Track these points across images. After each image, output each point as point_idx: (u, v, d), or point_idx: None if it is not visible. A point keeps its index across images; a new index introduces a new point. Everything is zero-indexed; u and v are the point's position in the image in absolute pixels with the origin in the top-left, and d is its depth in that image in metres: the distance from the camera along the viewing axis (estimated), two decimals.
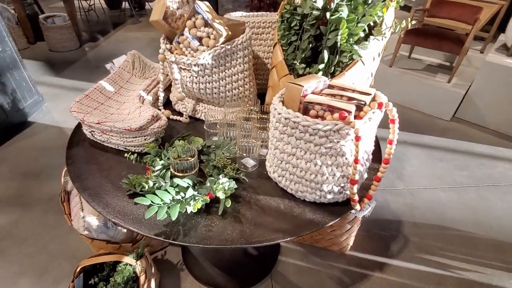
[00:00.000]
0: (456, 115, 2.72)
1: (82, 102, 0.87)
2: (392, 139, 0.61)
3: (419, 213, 1.76)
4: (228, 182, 0.67)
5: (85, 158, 0.81)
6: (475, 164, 2.17)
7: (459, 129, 2.58)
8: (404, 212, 1.76)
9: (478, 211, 1.76)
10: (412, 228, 1.67)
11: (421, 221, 1.71)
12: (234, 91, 0.93)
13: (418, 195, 1.89)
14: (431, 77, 2.86)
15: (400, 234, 1.64)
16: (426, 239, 1.60)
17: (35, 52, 3.69)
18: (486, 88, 2.47)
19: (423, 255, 1.52)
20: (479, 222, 1.69)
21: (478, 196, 1.87)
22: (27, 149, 2.06)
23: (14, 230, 1.51)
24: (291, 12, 0.88)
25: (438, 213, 1.76)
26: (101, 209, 0.65)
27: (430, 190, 1.93)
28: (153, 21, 0.85)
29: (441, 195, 1.89)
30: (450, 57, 3.26)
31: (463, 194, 1.89)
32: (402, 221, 1.71)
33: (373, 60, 0.82)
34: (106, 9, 5.84)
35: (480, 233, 1.62)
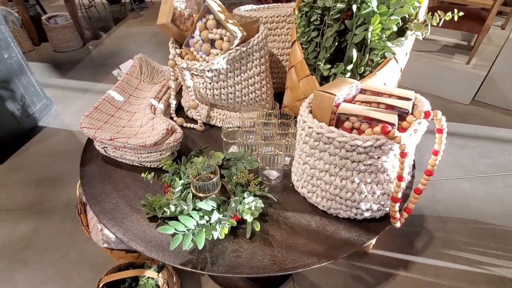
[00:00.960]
0: (476, 98, 2.58)
1: (92, 116, 0.82)
2: (438, 150, 0.54)
3: (443, 206, 1.69)
4: (255, 202, 0.61)
5: (100, 176, 0.77)
6: (499, 150, 2.06)
7: (480, 113, 2.46)
8: (426, 206, 1.70)
9: (506, 202, 1.67)
10: (436, 223, 1.60)
11: (445, 214, 1.64)
12: (251, 95, 0.87)
13: (440, 186, 1.82)
14: (448, 59, 2.71)
15: (424, 229, 1.57)
16: (451, 234, 1.54)
17: (40, 53, 3.66)
18: (510, 68, 2.32)
19: (450, 251, 1.46)
20: (507, 213, 1.61)
21: (504, 186, 1.78)
22: (40, 155, 2.05)
23: (35, 238, 1.51)
24: (310, 5, 0.80)
25: (462, 205, 1.68)
26: (121, 236, 0.61)
27: (453, 181, 1.85)
28: (160, 24, 0.78)
29: (465, 186, 1.80)
30: (468, 36, 3.08)
31: (489, 184, 1.80)
32: (425, 215, 1.65)
33: (406, 55, 0.74)
34: (106, 4, 5.74)
35: (509, 226, 1.54)
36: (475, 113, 2.47)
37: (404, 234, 1.55)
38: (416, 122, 0.51)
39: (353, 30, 0.71)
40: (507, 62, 2.32)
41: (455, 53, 2.84)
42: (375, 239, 1.40)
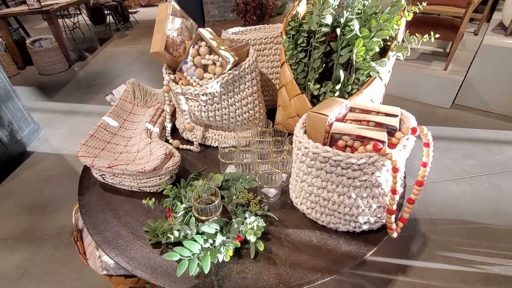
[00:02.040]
0: (456, 102, 2.70)
1: (88, 144, 0.82)
2: (426, 162, 0.58)
3: (434, 209, 1.74)
4: (256, 221, 0.63)
5: (99, 204, 0.77)
6: (481, 150, 2.15)
7: (460, 116, 2.57)
8: (418, 209, 1.74)
9: (493, 201, 1.74)
10: (429, 225, 1.65)
11: (437, 217, 1.69)
12: (245, 115, 0.90)
13: (430, 189, 1.87)
14: (427, 66, 2.84)
15: (418, 233, 1.62)
16: (444, 235, 1.58)
17: (26, 77, 3.61)
18: (485, 71, 2.45)
19: (444, 252, 1.50)
20: (495, 212, 1.67)
21: (490, 185, 1.86)
22: (30, 181, 2.01)
23: (30, 267, 1.47)
24: (296, 29, 0.84)
25: (452, 206, 1.74)
26: (126, 264, 0.61)
27: (442, 183, 1.92)
28: (154, 52, 0.81)
29: (453, 188, 1.87)
30: (443, 43, 3.24)
31: (475, 184, 1.87)
32: (418, 219, 1.69)
33: (388, 72, 0.79)
34: (90, 25, 5.75)
35: (498, 224, 1.60)
36: (456, 116, 2.58)
37: (400, 239, 1.58)
38: (405, 138, 0.55)
39: (339, 51, 0.76)
40: (482, 66, 2.45)
41: (433, 60, 2.98)
42: None
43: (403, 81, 2.83)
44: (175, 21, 0.86)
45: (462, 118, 2.55)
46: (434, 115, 2.64)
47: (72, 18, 5.43)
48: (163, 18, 0.82)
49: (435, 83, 2.67)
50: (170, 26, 0.84)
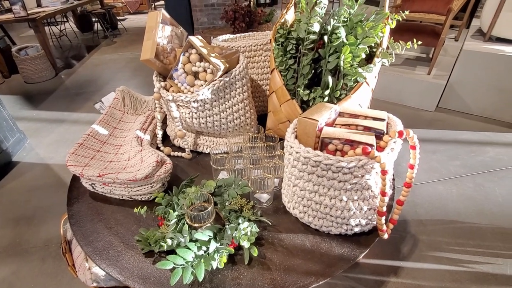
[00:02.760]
0: (440, 105, 2.79)
1: (77, 153, 0.81)
2: (414, 164, 0.60)
3: (423, 210, 1.77)
4: (250, 227, 0.63)
5: (89, 214, 0.75)
6: (465, 152, 2.22)
7: (444, 119, 2.65)
8: (408, 210, 1.78)
9: (478, 201, 1.79)
10: (419, 226, 1.68)
11: (426, 217, 1.73)
12: (236, 121, 0.90)
13: (418, 191, 1.92)
14: (411, 71, 2.93)
15: (408, 234, 1.64)
16: (433, 235, 1.62)
17: (11, 86, 3.53)
18: (466, 76, 2.55)
19: (434, 252, 1.53)
20: (481, 211, 1.72)
21: (475, 185, 1.91)
22: (16, 192, 1.95)
23: (16, 282, 1.41)
24: (285, 36, 0.86)
25: (440, 207, 1.78)
26: (118, 275, 0.60)
27: (429, 185, 1.96)
28: (144, 60, 0.81)
29: (440, 189, 1.92)
30: (426, 48, 3.35)
31: (461, 185, 1.92)
32: (408, 220, 1.72)
33: (375, 78, 0.81)
34: (78, 33, 5.69)
35: (484, 223, 1.65)
36: (440, 119, 2.66)
37: (391, 241, 1.61)
38: (392, 141, 0.56)
39: (327, 58, 0.78)
40: (463, 71, 2.55)
41: (417, 65, 3.07)
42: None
43: (389, 85, 2.90)
44: (165, 29, 0.86)
45: (446, 121, 2.63)
46: (419, 118, 2.71)
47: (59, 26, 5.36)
48: (153, 26, 0.83)
49: (419, 87, 2.75)
50: (160, 34, 0.84)
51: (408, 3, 3.08)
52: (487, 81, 2.47)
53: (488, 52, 2.37)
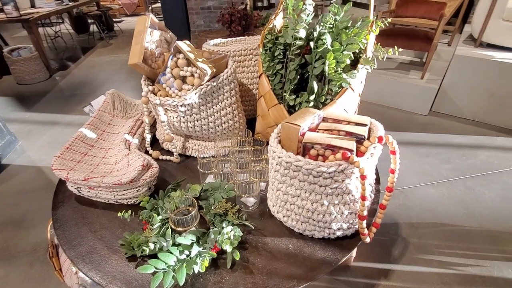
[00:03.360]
0: (433, 109, 2.82)
1: (63, 157, 0.81)
2: (394, 169, 0.61)
3: (414, 213, 1.79)
4: (233, 231, 0.64)
5: (74, 218, 0.75)
6: (457, 155, 2.25)
7: (437, 123, 2.68)
8: (399, 213, 1.79)
9: (469, 204, 1.81)
10: (410, 229, 1.69)
11: (417, 220, 1.74)
12: (224, 125, 0.91)
13: (410, 194, 1.93)
14: (405, 75, 2.96)
15: (399, 237, 1.65)
16: (424, 238, 1.63)
17: (2, 87, 3.50)
18: (458, 81, 2.58)
19: (424, 255, 1.54)
20: (471, 214, 1.74)
21: (465, 188, 1.93)
22: (4, 195, 1.93)
23: (3, 286, 1.39)
24: (273, 42, 0.87)
25: (431, 210, 1.80)
26: (100, 279, 0.60)
27: (421, 188, 1.98)
28: (132, 64, 0.81)
29: (432, 192, 1.93)
30: (419, 53, 3.39)
31: (452, 188, 1.94)
32: (399, 223, 1.73)
33: (361, 83, 0.82)
34: (73, 34, 5.67)
35: (474, 226, 1.67)
36: (433, 122, 2.69)
37: (382, 244, 1.62)
38: (372, 147, 0.57)
39: (313, 63, 0.79)
40: (455, 76, 2.58)
41: (410, 69, 3.11)
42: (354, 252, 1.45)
43: (383, 89, 2.93)
44: (154, 34, 0.87)
45: (439, 124, 2.66)
46: (413, 121, 2.74)
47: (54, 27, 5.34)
48: (141, 31, 0.83)
49: (413, 91, 2.78)
50: (148, 39, 0.85)
51: (402, 8, 3.12)
52: (478, 86, 2.50)
53: (479, 57, 2.40)
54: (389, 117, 2.79)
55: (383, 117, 2.80)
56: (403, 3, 3.05)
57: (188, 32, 4.55)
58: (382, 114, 2.85)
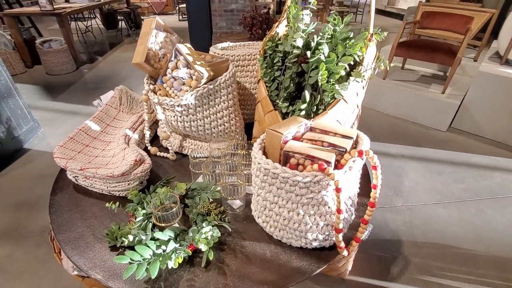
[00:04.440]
0: (453, 125, 2.71)
1: (66, 146, 0.86)
2: (376, 184, 0.60)
3: (419, 232, 1.72)
4: (212, 231, 0.65)
5: (69, 205, 0.80)
6: (472, 176, 2.15)
7: (456, 140, 2.57)
8: (403, 231, 1.73)
9: (478, 227, 1.73)
10: (413, 248, 1.63)
11: (422, 240, 1.68)
12: (220, 127, 0.93)
13: (417, 212, 1.86)
14: (425, 88, 2.87)
15: (400, 255, 1.60)
16: (426, 259, 1.57)
17: (33, 76, 3.73)
18: (481, 98, 2.47)
19: (424, 276, 1.48)
20: (479, 238, 1.65)
21: (477, 211, 1.84)
22: (22, 178, 2.05)
23: (7, 265, 1.48)
24: (273, 49, 0.88)
25: (438, 230, 1.73)
26: (82, 264, 0.64)
27: (430, 206, 1.91)
28: (135, 63, 0.85)
29: (441, 211, 1.86)
30: (443, 66, 3.27)
31: (463, 209, 1.86)
32: (402, 240, 1.68)
33: (357, 95, 0.81)
34: (103, 30, 5.94)
35: (481, 250, 1.58)
36: (451, 139, 2.58)
37: (382, 260, 1.57)
38: (351, 160, 0.57)
39: (309, 72, 0.79)
40: (478, 93, 2.47)
41: (432, 83, 3.00)
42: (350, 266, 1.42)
43: (401, 101, 2.85)
44: (159, 35, 0.91)
45: (457, 142, 2.55)
46: (429, 137, 2.65)
47: (86, 22, 5.62)
48: (147, 32, 0.87)
49: (432, 106, 2.69)
50: (153, 40, 0.88)
51: (427, 19, 3.04)
52: (501, 105, 2.38)
53: (503, 75, 2.29)
54: (406, 130, 2.71)
55: (399, 130, 2.72)
56: (429, 14, 2.97)
57: (210, 33, 4.65)
58: (397, 126, 2.78)
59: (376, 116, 3.00)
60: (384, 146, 2.48)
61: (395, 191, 2.03)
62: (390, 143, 2.52)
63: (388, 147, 2.46)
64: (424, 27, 3.04)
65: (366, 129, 2.72)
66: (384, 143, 2.52)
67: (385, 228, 1.75)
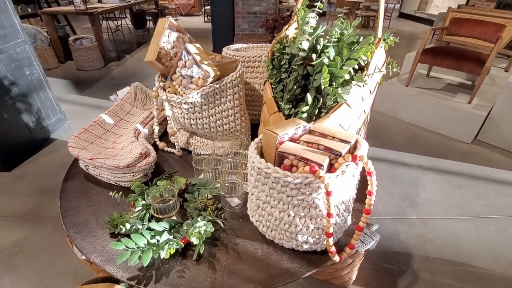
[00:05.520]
0: (478, 137, 2.58)
1: (80, 137, 0.91)
2: (371, 191, 0.59)
3: (432, 246, 1.65)
4: (205, 226, 0.67)
5: (78, 192, 0.85)
6: (495, 192, 2.03)
7: (480, 153, 2.44)
8: (415, 244, 1.67)
9: (497, 245, 1.63)
10: (424, 263, 1.57)
11: (434, 255, 1.61)
12: (225, 126, 0.95)
13: (432, 225, 1.79)
14: (451, 97, 2.74)
15: (410, 269, 1.54)
16: (438, 275, 1.50)
17: (64, 70, 3.97)
18: (510, 110, 2.33)
19: None
20: (497, 257, 1.56)
21: (497, 229, 1.74)
22: (47, 166, 2.19)
23: (26, 245, 1.59)
24: (281, 51, 0.89)
25: (453, 246, 1.65)
26: (82, 248, 0.68)
27: (446, 221, 1.82)
28: (147, 61, 0.89)
29: (458, 227, 1.77)
30: (471, 75, 3.11)
31: (482, 226, 1.76)
32: (413, 254, 1.62)
33: (363, 100, 0.80)
34: (131, 29, 6.20)
35: (498, 271, 1.49)
36: (475, 152, 2.45)
37: (389, 272, 1.52)
38: (344, 165, 0.56)
39: (313, 75, 0.79)
40: (507, 104, 2.33)
41: (458, 92, 2.87)
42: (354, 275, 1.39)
43: (424, 110, 2.75)
44: (171, 35, 0.94)
45: (482, 155, 2.42)
46: (452, 148, 2.53)
47: (116, 21, 5.90)
48: (160, 32, 0.91)
49: (457, 116, 2.57)
50: (165, 39, 0.92)
51: (456, 26, 2.91)
52: None
53: None
54: (426, 140, 2.61)
55: (418, 140, 2.62)
56: (457, 21, 2.84)
57: (232, 35, 4.72)
58: (419, 136, 2.68)
59: (395, 124, 2.91)
60: (400, 155, 2.40)
61: (410, 203, 1.95)
62: (407, 153, 2.43)
63: (404, 157, 2.38)
64: (452, 33, 2.92)
65: (383, 137, 2.65)
66: (401, 152, 2.44)
67: (396, 239, 1.69)
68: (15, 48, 2.11)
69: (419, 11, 7.90)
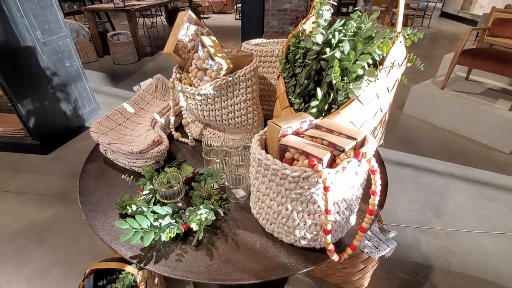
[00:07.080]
0: None
1: (101, 123, 0.97)
2: (375, 190, 0.57)
3: (456, 260, 1.55)
4: (206, 214, 0.68)
5: (96, 174, 0.90)
6: None
7: None
8: (437, 256, 1.57)
9: None
10: (445, 277, 1.47)
11: (457, 269, 1.50)
12: (237, 119, 0.96)
13: (458, 238, 1.67)
14: (490, 103, 2.54)
15: (428, 281, 1.46)
16: None
17: (102, 64, 4.23)
18: None
19: None
20: None
21: None
22: (80, 151, 2.35)
23: (56, 223, 1.73)
24: (295, 45, 0.88)
25: (479, 262, 1.53)
26: (93, 224, 0.72)
27: (474, 234, 1.69)
28: (165, 53, 0.92)
29: (487, 242, 1.64)
30: None
31: None
32: (433, 266, 1.52)
33: (378, 98, 0.77)
34: (166, 26, 6.45)
35: None
36: None
37: (404, 283, 1.45)
38: (346, 161, 0.54)
39: (326, 70, 0.77)
40: None
41: (499, 97, 2.65)
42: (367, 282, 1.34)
43: (459, 115, 2.57)
44: (190, 28, 0.97)
45: None
46: (489, 158, 2.34)
47: (152, 18, 6.16)
48: (179, 24, 0.94)
49: (496, 123, 2.37)
50: (184, 32, 0.95)
51: (499, 27, 2.68)
52: None
53: None
54: (460, 148, 2.44)
55: (451, 146, 2.46)
56: (501, 21, 2.61)
57: (261, 32, 4.73)
58: (452, 143, 2.51)
59: (426, 129, 2.75)
60: (429, 161, 2.26)
61: (435, 212, 1.84)
62: (437, 159, 2.29)
63: (434, 163, 2.24)
64: (495, 35, 2.69)
65: (412, 142, 2.51)
66: (430, 158, 2.30)
67: (416, 250, 1.60)
68: (58, 41, 2.29)
69: (462, 10, 7.36)
